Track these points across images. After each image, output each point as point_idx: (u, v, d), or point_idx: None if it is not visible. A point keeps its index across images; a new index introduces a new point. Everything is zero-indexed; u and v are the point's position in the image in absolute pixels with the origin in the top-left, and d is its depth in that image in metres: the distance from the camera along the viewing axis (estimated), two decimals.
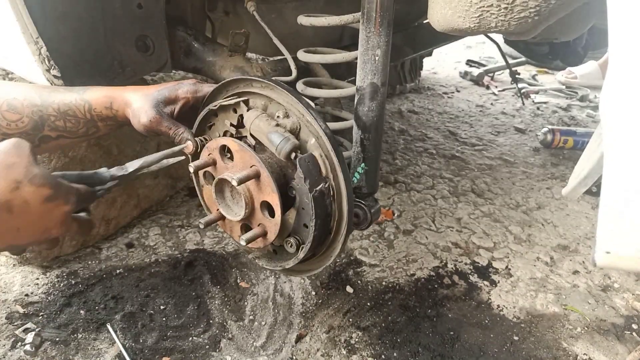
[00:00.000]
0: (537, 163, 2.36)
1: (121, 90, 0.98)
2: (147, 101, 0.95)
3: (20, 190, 0.72)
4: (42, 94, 0.96)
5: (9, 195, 0.71)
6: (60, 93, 0.97)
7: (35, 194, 0.73)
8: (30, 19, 0.98)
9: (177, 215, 1.78)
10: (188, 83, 1.00)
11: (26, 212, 0.73)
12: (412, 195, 2.00)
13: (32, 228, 0.75)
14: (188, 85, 0.99)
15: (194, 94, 0.99)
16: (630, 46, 0.46)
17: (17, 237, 0.74)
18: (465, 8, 0.82)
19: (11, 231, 0.73)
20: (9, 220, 0.71)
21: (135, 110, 0.95)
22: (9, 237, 0.73)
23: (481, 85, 3.50)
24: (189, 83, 1.00)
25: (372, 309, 1.38)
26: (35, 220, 0.75)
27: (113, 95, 0.97)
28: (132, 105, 0.95)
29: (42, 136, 0.97)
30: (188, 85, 0.99)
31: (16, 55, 1.08)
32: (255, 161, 0.86)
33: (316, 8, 1.58)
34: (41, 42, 1.01)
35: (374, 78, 0.90)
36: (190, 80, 1.01)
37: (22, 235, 0.75)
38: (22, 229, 0.74)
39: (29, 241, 0.77)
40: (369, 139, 0.96)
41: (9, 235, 0.73)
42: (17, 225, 0.73)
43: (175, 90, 0.98)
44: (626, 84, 0.47)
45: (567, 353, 1.27)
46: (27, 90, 0.96)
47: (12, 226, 0.72)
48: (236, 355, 1.22)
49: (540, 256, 1.65)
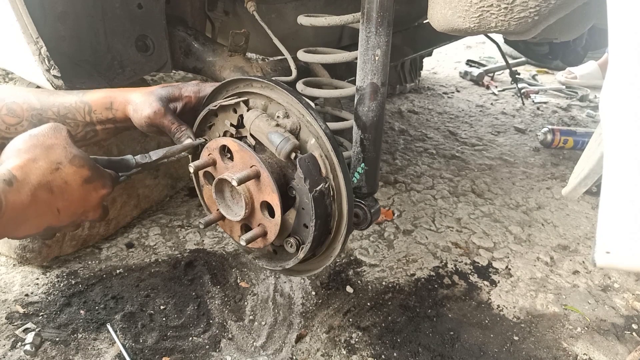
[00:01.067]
0: (537, 163, 2.36)
1: (122, 91, 0.98)
2: (151, 96, 0.95)
3: (60, 171, 0.74)
4: (41, 97, 0.95)
5: (50, 176, 0.73)
6: (59, 96, 0.96)
7: (75, 175, 0.75)
8: (30, 19, 0.98)
9: (177, 215, 1.78)
10: (192, 83, 1.00)
11: (66, 192, 0.75)
12: (412, 195, 2.00)
13: (71, 209, 0.77)
14: (192, 85, 0.99)
15: (197, 94, 0.99)
16: (630, 46, 0.46)
17: (57, 218, 0.76)
18: (465, 8, 0.82)
19: (52, 212, 0.74)
20: (50, 201, 0.73)
21: (138, 104, 0.95)
22: (49, 217, 0.75)
23: (481, 85, 3.50)
24: (192, 83, 1.00)
25: (372, 309, 1.38)
26: (74, 201, 0.76)
27: (113, 96, 0.96)
28: (134, 101, 0.95)
29: None
30: (192, 85, 0.99)
31: (16, 55, 1.08)
32: (255, 161, 0.86)
33: (316, 8, 1.58)
34: (41, 42, 1.01)
35: (374, 78, 0.90)
36: (194, 81, 1.01)
37: (61, 217, 0.76)
38: (62, 209, 0.75)
39: (67, 223, 0.79)
40: (369, 139, 0.96)
41: (49, 215, 0.75)
42: (57, 205, 0.74)
43: (179, 89, 0.98)
44: (626, 84, 0.47)
45: (567, 353, 1.27)
46: (26, 93, 0.96)
47: (53, 207, 0.74)
48: (236, 355, 1.22)
49: (540, 256, 1.65)
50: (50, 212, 0.74)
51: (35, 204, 0.71)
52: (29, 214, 0.71)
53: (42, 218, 0.74)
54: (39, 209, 0.72)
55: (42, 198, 0.72)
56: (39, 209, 0.72)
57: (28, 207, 0.70)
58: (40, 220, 0.74)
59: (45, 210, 0.73)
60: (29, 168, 0.72)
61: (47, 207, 0.73)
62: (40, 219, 0.74)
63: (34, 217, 0.73)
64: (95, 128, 0.99)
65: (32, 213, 0.71)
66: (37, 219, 0.73)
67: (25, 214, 0.71)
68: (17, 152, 0.74)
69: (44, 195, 0.72)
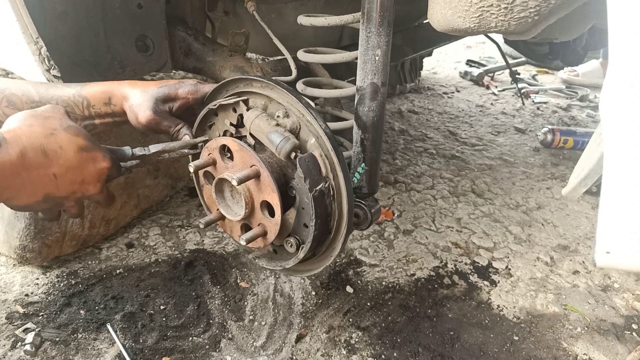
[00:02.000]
0: (537, 163, 2.36)
1: (119, 85, 0.97)
2: (145, 99, 0.94)
3: (55, 137, 0.76)
4: (40, 89, 0.95)
5: (44, 140, 0.75)
6: (58, 89, 0.96)
7: (69, 141, 0.77)
8: (30, 19, 0.98)
9: (177, 215, 1.78)
10: (189, 83, 0.99)
11: (61, 157, 0.76)
12: (412, 195, 2.00)
13: (68, 176, 0.78)
14: (189, 86, 0.98)
15: (194, 95, 0.98)
16: (630, 46, 0.46)
17: (55, 184, 0.77)
18: (465, 8, 0.82)
19: (48, 177, 0.75)
20: (44, 165, 0.74)
21: (133, 107, 0.94)
22: (46, 183, 0.76)
23: (481, 85, 3.50)
24: (190, 83, 0.99)
25: (372, 309, 1.38)
26: (70, 167, 0.78)
27: (111, 91, 0.96)
28: (130, 101, 0.95)
29: None
30: (189, 85, 0.99)
31: (16, 55, 1.08)
32: (255, 161, 0.86)
33: (316, 8, 1.59)
34: (41, 42, 1.01)
35: (374, 78, 0.90)
36: (191, 80, 1.00)
37: (59, 183, 0.77)
38: (58, 176, 0.76)
39: (66, 193, 0.79)
40: (369, 139, 0.96)
41: (46, 181, 0.76)
42: (53, 170, 0.75)
43: (176, 89, 0.97)
44: (626, 83, 0.47)
45: (567, 353, 1.27)
46: (25, 86, 0.96)
47: (49, 171, 0.75)
48: (236, 355, 1.22)
49: (540, 256, 1.65)
50: (46, 176, 0.75)
51: (29, 166, 0.72)
52: (24, 178, 0.72)
53: (38, 184, 0.75)
54: (33, 173, 0.73)
55: (34, 160, 0.73)
56: (33, 173, 0.73)
57: (21, 169, 0.71)
58: (37, 186, 0.75)
59: (40, 175, 0.74)
60: (21, 131, 0.74)
61: (42, 171, 0.74)
62: (37, 184, 0.75)
63: (29, 183, 0.74)
64: (94, 122, 0.99)
65: (26, 176, 0.73)
66: (34, 185, 0.74)
67: (20, 177, 0.72)
68: (13, 120, 0.76)
69: (36, 157, 0.73)
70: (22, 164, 0.72)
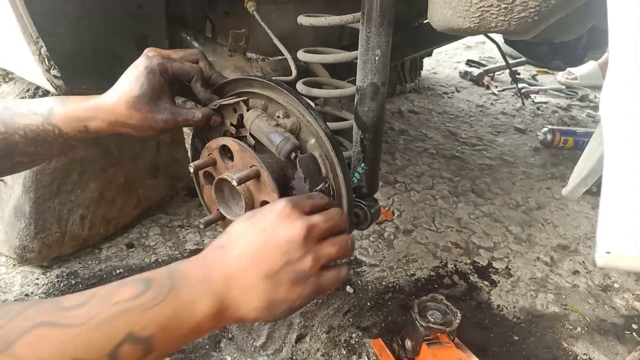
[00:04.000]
0: (537, 163, 2.36)
1: (94, 109, 0.85)
2: (144, 110, 0.84)
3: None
4: (5, 119, 0.85)
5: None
6: (24, 117, 0.85)
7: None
8: (30, 19, 0.97)
9: (177, 215, 1.78)
10: (156, 63, 0.85)
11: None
12: (412, 195, 2.00)
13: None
14: (157, 66, 0.85)
15: (168, 71, 0.87)
16: (630, 46, 0.46)
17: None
18: (465, 8, 0.82)
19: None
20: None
21: (139, 125, 0.85)
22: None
23: (481, 85, 3.49)
24: (156, 63, 0.85)
25: (372, 309, 1.38)
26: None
27: (85, 118, 0.85)
28: (129, 123, 0.85)
29: (14, 163, 0.88)
30: (157, 65, 0.85)
31: (16, 55, 1.08)
32: (255, 161, 0.86)
33: (316, 8, 1.58)
34: (41, 42, 1.00)
35: (374, 78, 0.90)
36: (154, 59, 0.85)
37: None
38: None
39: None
40: (369, 139, 0.95)
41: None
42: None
43: (154, 77, 0.85)
44: (626, 83, 0.47)
45: (567, 353, 1.27)
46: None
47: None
48: (236, 355, 1.22)
49: (540, 256, 1.65)
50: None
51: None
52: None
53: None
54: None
55: None
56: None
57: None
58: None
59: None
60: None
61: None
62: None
63: None
64: (71, 144, 0.90)
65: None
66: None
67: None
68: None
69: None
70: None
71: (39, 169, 1.35)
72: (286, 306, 0.67)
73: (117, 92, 0.85)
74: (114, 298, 0.57)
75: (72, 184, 1.44)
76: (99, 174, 1.51)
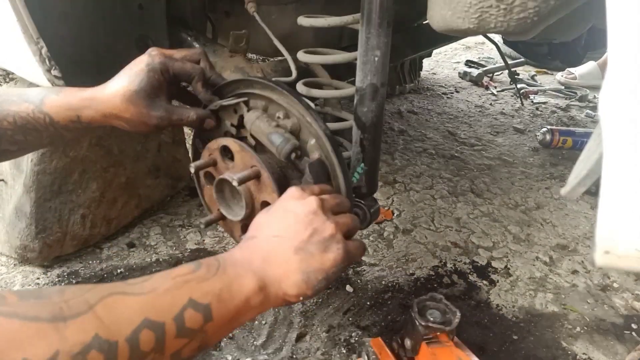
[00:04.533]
0: (536, 163, 2.36)
1: (89, 100, 0.85)
2: (140, 105, 0.84)
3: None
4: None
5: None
6: (14, 104, 0.85)
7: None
8: (30, 20, 0.98)
9: (178, 215, 1.78)
10: (157, 61, 0.85)
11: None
12: (411, 195, 2.00)
13: None
14: (158, 64, 0.85)
15: (169, 71, 0.87)
16: (630, 51, 0.46)
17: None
18: (464, 9, 0.82)
19: None
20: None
21: (133, 119, 0.85)
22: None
23: (480, 85, 3.50)
24: (158, 62, 0.86)
25: (371, 308, 1.38)
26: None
27: (78, 108, 0.85)
28: (123, 116, 0.85)
29: (1, 150, 0.87)
30: (158, 64, 0.85)
31: (17, 55, 1.08)
32: (255, 161, 0.86)
33: (316, 9, 1.59)
34: (42, 42, 1.01)
35: (373, 79, 0.90)
36: (156, 58, 0.86)
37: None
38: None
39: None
40: (369, 139, 0.96)
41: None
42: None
43: (154, 74, 0.85)
44: (626, 89, 0.47)
45: (566, 352, 1.27)
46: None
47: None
48: (236, 354, 1.22)
49: (539, 256, 1.65)
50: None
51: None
52: None
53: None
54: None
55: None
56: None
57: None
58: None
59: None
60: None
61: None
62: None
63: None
64: (61, 134, 0.89)
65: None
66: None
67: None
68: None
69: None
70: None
71: (40, 168, 1.35)
72: (322, 275, 0.71)
73: (115, 85, 0.85)
74: (173, 274, 0.63)
75: (73, 184, 1.45)
76: (100, 173, 1.52)
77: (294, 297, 0.70)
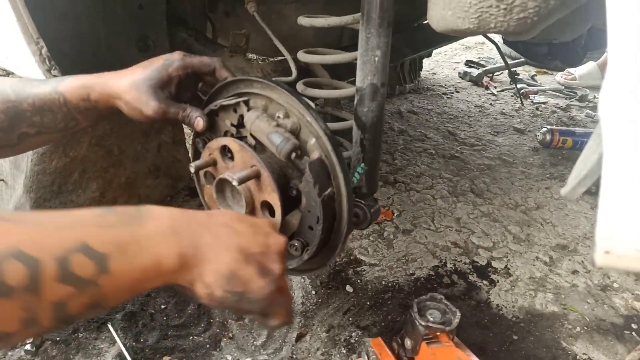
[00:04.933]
0: (536, 163, 2.36)
1: (100, 79, 0.90)
2: (142, 91, 0.88)
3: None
4: (16, 88, 0.90)
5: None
6: (34, 87, 0.90)
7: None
8: (30, 20, 0.98)
9: None
10: (176, 59, 0.92)
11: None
12: (411, 195, 2.00)
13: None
14: (177, 61, 0.92)
15: (185, 70, 0.93)
16: (630, 50, 0.46)
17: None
18: (464, 9, 0.82)
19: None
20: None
21: (131, 102, 0.89)
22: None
23: (480, 85, 3.50)
24: (177, 59, 0.92)
25: (371, 308, 1.38)
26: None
27: (90, 86, 0.90)
28: (124, 97, 0.89)
29: (20, 133, 0.92)
30: (177, 61, 0.92)
31: (17, 55, 1.08)
32: (255, 161, 0.86)
33: (316, 9, 1.59)
34: (42, 42, 1.01)
35: (373, 79, 0.90)
36: (176, 55, 0.93)
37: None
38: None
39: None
40: (369, 139, 0.96)
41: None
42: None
43: (166, 69, 0.90)
44: (626, 90, 0.47)
45: (566, 352, 1.27)
46: (1, 83, 0.91)
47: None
48: (237, 354, 1.22)
49: (539, 256, 1.65)
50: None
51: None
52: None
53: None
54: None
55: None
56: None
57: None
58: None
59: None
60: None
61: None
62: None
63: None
64: (75, 117, 0.93)
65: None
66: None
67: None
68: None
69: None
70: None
71: (40, 168, 1.35)
72: (242, 289, 0.65)
73: (129, 70, 0.91)
74: (72, 213, 0.57)
75: (73, 184, 1.45)
76: (100, 173, 1.52)
77: (204, 284, 0.63)
